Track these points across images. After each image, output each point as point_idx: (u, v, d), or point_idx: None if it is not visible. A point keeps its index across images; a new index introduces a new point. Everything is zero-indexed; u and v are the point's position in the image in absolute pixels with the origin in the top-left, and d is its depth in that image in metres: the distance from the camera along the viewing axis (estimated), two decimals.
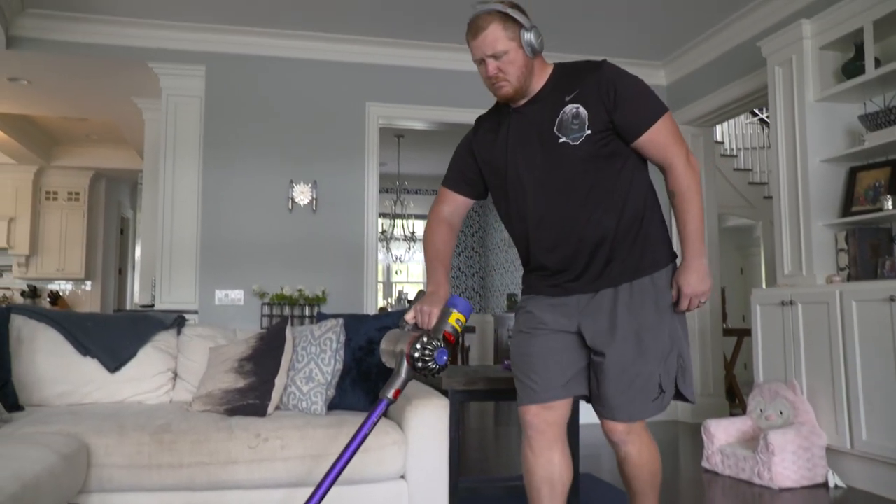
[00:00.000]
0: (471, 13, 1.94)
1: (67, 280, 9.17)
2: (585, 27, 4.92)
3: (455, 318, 1.90)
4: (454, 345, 1.91)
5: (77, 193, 9.05)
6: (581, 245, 1.93)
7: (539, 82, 1.98)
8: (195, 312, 4.79)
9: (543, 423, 2.00)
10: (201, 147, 4.99)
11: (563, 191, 1.93)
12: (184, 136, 5.00)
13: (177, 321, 3.29)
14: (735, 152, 8.03)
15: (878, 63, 3.64)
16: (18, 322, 2.97)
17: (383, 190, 8.13)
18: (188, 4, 4.60)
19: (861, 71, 3.66)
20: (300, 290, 4.90)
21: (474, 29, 1.91)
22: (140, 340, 3.10)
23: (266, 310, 4.90)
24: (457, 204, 2.19)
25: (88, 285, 9.30)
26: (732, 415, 5.27)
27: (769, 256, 7.80)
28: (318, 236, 5.07)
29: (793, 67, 3.97)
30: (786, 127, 4.03)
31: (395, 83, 5.30)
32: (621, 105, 1.89)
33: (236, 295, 4.93)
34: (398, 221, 9.51)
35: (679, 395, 2.00)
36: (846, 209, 3.83)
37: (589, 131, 1.89)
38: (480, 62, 1.94)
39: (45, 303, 8.89)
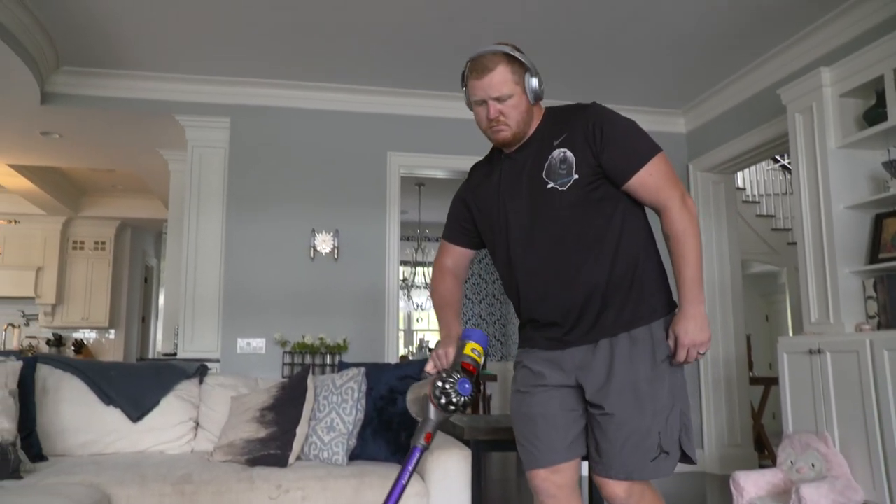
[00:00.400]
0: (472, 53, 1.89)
1: (92, 328, 9.26)
2: (604, 76, 4.98)
3: (471, 348, 1.86)
4: (476, 374, 1.85)
5: (103, 243, 9.20)
6: (572, 294, 1.85)
7: (533, 127, 1.94)
8: (217, 361, 4.80)
9: (553, 486, 1.91)
10: (225, 196, 5.07)
11: (551, 238, 1.86)
12: (208, 186, 5.09)
13: (199, 370, 3.30)
14: (757, 198, 8.00)
15: None
16: (44, 372, 3.00)
17: (404, 238, 8.18)
18: (214, 59, 4.74)
19: (883, 118, 3.65)
20: (321, 339, 4.90)
21: (479, 68, 1.84)
22: (163, 389, 3.11)
23: (287, 358, 4.89)
24: (457, 255, 2.15)
25: (112, 333, 9.38)
26: (762, 466, 5.13)
27: (795, 303, 7.68)
28: (339, 284, 5.09)
29: (813, 115, 3.97)
30: (808, 174, 4.01)
31: (415, 133, 5.38)
32: (608, 147, 1.82)
33: (258, 343, 4.94)
34: (419, 269, 9.53)
35: (683, 457, 1.88)
36: (873, 256, 3.78)
37: (576, 176, 1.83)
38: (481, 103, 1.88)
39: (69, 351, 8.97)
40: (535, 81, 1.88)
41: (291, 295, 5.02)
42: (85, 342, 9.18)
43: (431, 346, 12.30)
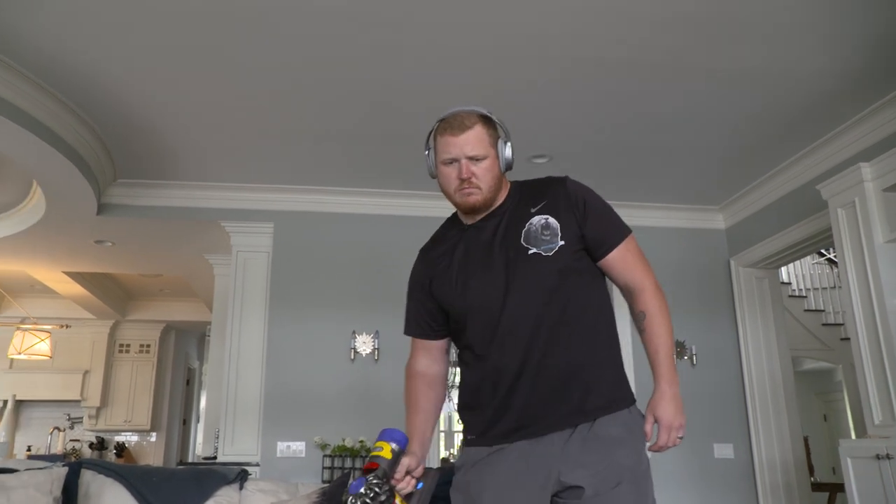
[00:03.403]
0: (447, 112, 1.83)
1: (133, 431, 9.28)
2: (642, 174, 5.02)
3: (377, 446, 1.76)
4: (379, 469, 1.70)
5: (148, 346, 9.34)
6: (556, 371, 1.69)
7: (500, 197, 1.85)
8: (257, 465, 4.73)
9: None
10: (267, 299, 5.15)
11: (535, 309, 1.72)
12: (251, 289, 5.19)
13: (239, 475, 3.26)
14: (804, 293, 7.83)
15: None
16: (88, 477, 3.00)
17: None
18: (259, 169, 4.94)
19: None
20: (362, 442, 4.82)
21: (457, 125, 1.77)
22: (203, 496, 3.06)
23: (328, 461, 4.81)
24: (432, 351, 1.98)
25: (154, 436, 9.37)
26: None
27: (855, 402, 7.35)
28: (379, 386, 5.05)
29: (857, 210, 3.92)
30: (856, 269, 3.93)
31: None
32: (591, 218, 1.78)
33: (298, 447, 4.88)
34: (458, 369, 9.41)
35: None
36: None
37: (562, 242, 1.74)
38: (451, 162, 1.79)
39: (111, 455, 8.96)
40: (508, 149, 1.82)
41: (332, 397, 4.99)
42: (126, 445, 9.18)
43: None
